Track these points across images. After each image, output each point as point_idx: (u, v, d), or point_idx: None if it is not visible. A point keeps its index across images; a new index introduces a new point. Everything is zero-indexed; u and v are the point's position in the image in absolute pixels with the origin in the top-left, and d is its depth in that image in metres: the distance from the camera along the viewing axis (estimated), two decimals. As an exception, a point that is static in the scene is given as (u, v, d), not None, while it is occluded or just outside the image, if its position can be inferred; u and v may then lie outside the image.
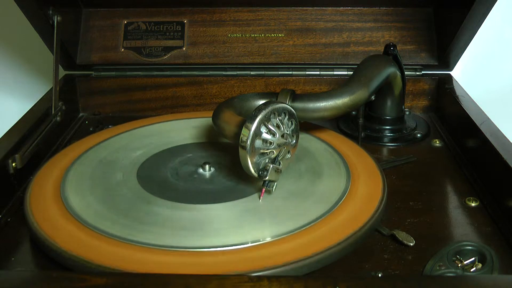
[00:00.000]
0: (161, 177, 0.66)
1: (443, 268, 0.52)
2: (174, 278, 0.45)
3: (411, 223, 0.61)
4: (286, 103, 0.65)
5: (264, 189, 0.60)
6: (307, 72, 0.90)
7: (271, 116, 0.59)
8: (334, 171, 0.66)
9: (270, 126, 0.59)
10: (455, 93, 0.84)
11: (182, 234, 0.55)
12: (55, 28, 0.80)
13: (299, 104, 0.69)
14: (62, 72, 0.90)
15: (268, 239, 0.54)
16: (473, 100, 0.81)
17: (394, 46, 0.78)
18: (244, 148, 0.58)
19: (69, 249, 0.52)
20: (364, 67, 0.73)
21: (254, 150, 0.58)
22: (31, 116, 0.76)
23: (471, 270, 0.52)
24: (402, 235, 0.57)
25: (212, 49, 0.91)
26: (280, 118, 0.60)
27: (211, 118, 0.68)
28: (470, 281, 0.46)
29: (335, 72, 0.90)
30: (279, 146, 0.60)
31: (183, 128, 0.79)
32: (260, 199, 0.61)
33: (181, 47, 0.91)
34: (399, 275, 0.53)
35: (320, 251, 0.52)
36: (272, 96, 0.72)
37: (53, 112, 0.79)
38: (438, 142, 0.80)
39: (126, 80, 0.91)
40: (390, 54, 0.78)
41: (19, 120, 0.74)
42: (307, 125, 0.77)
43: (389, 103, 0.81)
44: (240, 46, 0.91)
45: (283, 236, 0.54)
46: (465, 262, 0.53)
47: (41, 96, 0.84)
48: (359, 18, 0.91)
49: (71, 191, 0.62)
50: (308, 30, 0.91)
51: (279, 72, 0.91)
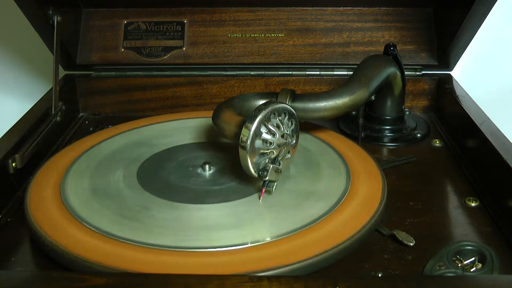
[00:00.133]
0: (161, 177, 0.66)
1: (443, 268, 0.52)
2: (174, 278, 0.45)
3: (411, 223, 0.61)
4: (286, 103, 0.65)
5: (264, 189, 0.60)
6: (307, 72, 0.90)
7: (271, 116, 0.59)
8: (334, 171, 0.66)
9: (270, 126, 0.59)
10: (455, 93, 0.84)
11: (182, 234, 0.55)
12: (55, 28, 0.80)
13: (299, 104, 0.69)
14: (62, 72, 0.90)
15: (268, 239, 0.54)
16: (473, 100, 0.81)
17: (394, 46, 0.78)
18: (244, 148, 0.58)
19: (69, 249, 0.52)
20: (364, 67, 0.73)
21: (254, 150, 0.58)
22: (31, 116, 0.76)
23: (471, 270, 0.52)
24: (402, 235, 0.57)
25: (212, 49, 0.91)
26: (280, 118, 0.60)
27: (211, 118, 0.68)
28: (470, 281, 0.46)
29: (335, 72, 0.90)
30: (279, 146, 0.60)
31: (183, 128, 0.79)
32: (260, 199, 0.61)
33: (181, 47, 0.91)
34: (399, 275, 0.53)
35: (320, 252, 0.51)
36: (272, 96, 0.71)
37: (53, 112, 0.79)
38: (438, 142, 0.80)
39: (126, 80, 0.91)
40: (390, 54, 0.78)
41: (19, 120, 0.74)
42: (307, 125, 0.77)
43: (389, 103, 0.81)
44: (240, 46, 0.91)
45: (283, 237, 0.54)
46: (465, 262, 0.53)
47: (41, 96, 0.84)
48: (359, 18, 0.91)
49: (71, 191, 0.62)
50: (308, 30, 0.91)
51: (279, 72, 0.91)
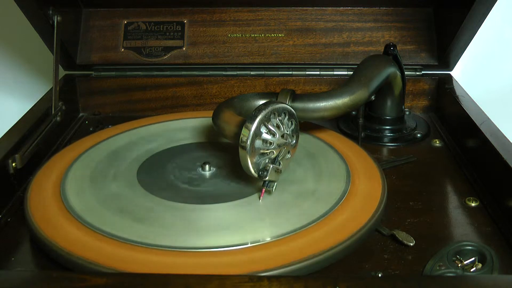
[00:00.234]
0: (161, 177, 0.66)
1: (443, 268, 0.52)
2: (174, 278, 0.45)
3: (411, 223, 0.61)
4: (286, 103, 0.65)
5: (264, 189, 0.60)
6: (307, 72, 0.90)
7: (271, 116, 0.59)
8: (334, 171, 0.66)
9: (270, 126, 0.59)
10: (455, 93, 0.84)
11: (182, 234, 0.55)
12: (55, 28, 0.80)
13: (299, 104, 0.69)
14: (62, 72, 0.90)
15: (268, 239, 0.54)
16: (473, 100, 0.81)
17: (394, 46, 0.78)
18: (244, 148, 0.58)
19: (69, 249, 0.52)
20: (364, 67, 0.73)
21: (254, 150, 0.58)
22: (31, 116, 0.76)
23: (471, 270, 0.52)
24: (402, 235, 0.57)
25: (212, 49, 0.91)
26: (280, 118, 0.60)
27: (211, 118, 0.68)
28: (470, 281, 0.46)
29: (335, 72, 0.90)
30: (279, 146, 0.60)
31: (183, 128, 0.79)
32: (260, 199, 0.61)
33: (181, 47, 0.91)
34: (399, 275, 0.53)
35: (320, 252, 0.52)
36: (272, 96, 0.71)
37: (53, 112, 0.79)
38: (438, 142, 0.80)
39: (126, 80, 0.91)
40: (390, 54, 0.78)
41: (19, 120, 0.74)
42: (307, 125, 0.77)
43: (389, 103, 0.81)
44: (240, 46, 0.91)
45: (283, 237, 0.54)
46: (465, 262, 0.53)
47: (41, 96, 0.84)
48: (359, 18, 0.91)
49: (71, 191, 0.62)
50: (308, 30, 0.91)
51: (279, 72, 0.91)
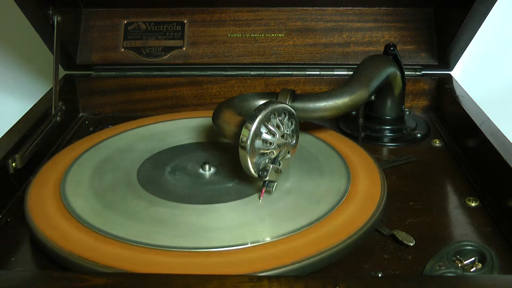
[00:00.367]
0: (161, 177, 0.66)
1: (443, 268, 0.52)
2: (174, 278, 0.45)
3: (411, 223, 0.61)
4: (286, 103, 0.65)
5: (264, 189, 0.60)
6: (307, 72, 0.90)
7: (271, 116, 0.59)
8: (334, 171, 0.66)
9: (270, 126, 0.59)
10: (455, 93, 0.84)
11: (182, 234, 0.55)
12: (55, 28, 0.80)
13: (299, 104, 0.69)
14: (62, 72, 0.90)
15: (268, 239, 0.54)
16: (473, 100, 0.81)
17: (394, 46, 0.78)
18: (244, 148, 0.58)
19: (69, 249, 0.52)
20: (364, 67, 0.73)
21: (254, 150, 0.58)
22: (31, 116, 0.76)
23: (471, 270, 0.52)
24: (402, 235, 0.57)
25: (212, 49, 0.91)
26: (280, 118, 0.60)
27: (211, 118, 0.68)
28: (470, 281, 0.46)
29: (335, 72, 0.90)
30: (279, 146, 0.60)
31: (183, 128, 0.79)
32: (260, 199, 0.61)
33: (181, 47, 0.91)
34: (399, 275, 0.53)
35: (320, 252, 0.52)
36: (272, 96, 0.71)
37: (53, 112, 0.79)
38: (438, 142, 0.80)
39: (126, 80, 0.91)
40: (390, 54, 0.78)
41: (19, 120, 0.74)
42: (307, 125, 0.77)
43: (389, 103, 0.81)
44: (240, 46, 0.91)
45: (283, 237, 0.54)
46: (465, 262, 0.53)
47: (41, 96, 0.84)
48: (359, 18, 0.91)
49: (71, 191, 0.62)
50: (308, 30, 0.91)
51: (279, 72, 0.91)
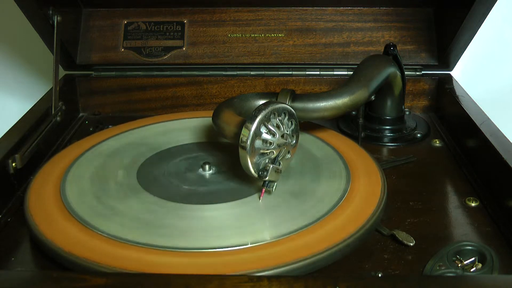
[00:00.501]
0: (161, 177, 0.66)
1: (443, 268, 0.52)
2: (174, 278, 0.45)
3: (411, 223, 0.61)
4: (286, 103, 0.65)
5: (264, 189, 0.60)
6: (307, 72, 0.90)
7: (271, 116, 0.59)
8: (334, 171, 0.66)
9: (270, 126, 0.59)
10: (455, 93, 0.84)
11: (182, 234, 0.55)
12: (55, 28, 0.80)
13: (299, 104, 0.69)
14: (62, 72, 0.90)
15: (268, 239, 0.54)
16: (473, 100, 0.81)
17: (394, 46, 0.78)
18: (244, 148, 0.58)
19: (69, 249, 0.52)
20: (364, 67, 0.73)
21: (254, 150, 0.58)
22: (31, 116, 0.76)
23: (471, 270, 0.52)
24: (402, 235, 0.57)
25: (212, 49, 0.91)
26: (280, 118, 0.60)
27: (211, 118, 0.68)
28: (470, 281, 0.46)
29: (335, 72, 0.90)
30: (279, 146, 0.60)
31: (183, 128, 0.79)
32: (260, 199, 0.61)
33: (181, 47, 0.91)
34: (399, 275, 0.53)
35: (320, 252, 0.52)
36: (272, 96, 0.71)
37: (53, 112, 0.79)
38: (438, 142, 0.80)
39: (126, 80, 0.91)
40: (390, 54, 0.78)
41: (19, 120, 0.74)
42: (307, 125, 0.77)
43: (389, 103, 0.81)
44: (240, 46, 0.91)
45: (283, 237, 0.54)
46: (465, 262, 0.53)
47: (41, 96, 0.84)
48: (359, 18, 0.91)
49: (71, 191, 0.62)
50: (308, 30, 0.91)
51: (279, 72, 0.91)
